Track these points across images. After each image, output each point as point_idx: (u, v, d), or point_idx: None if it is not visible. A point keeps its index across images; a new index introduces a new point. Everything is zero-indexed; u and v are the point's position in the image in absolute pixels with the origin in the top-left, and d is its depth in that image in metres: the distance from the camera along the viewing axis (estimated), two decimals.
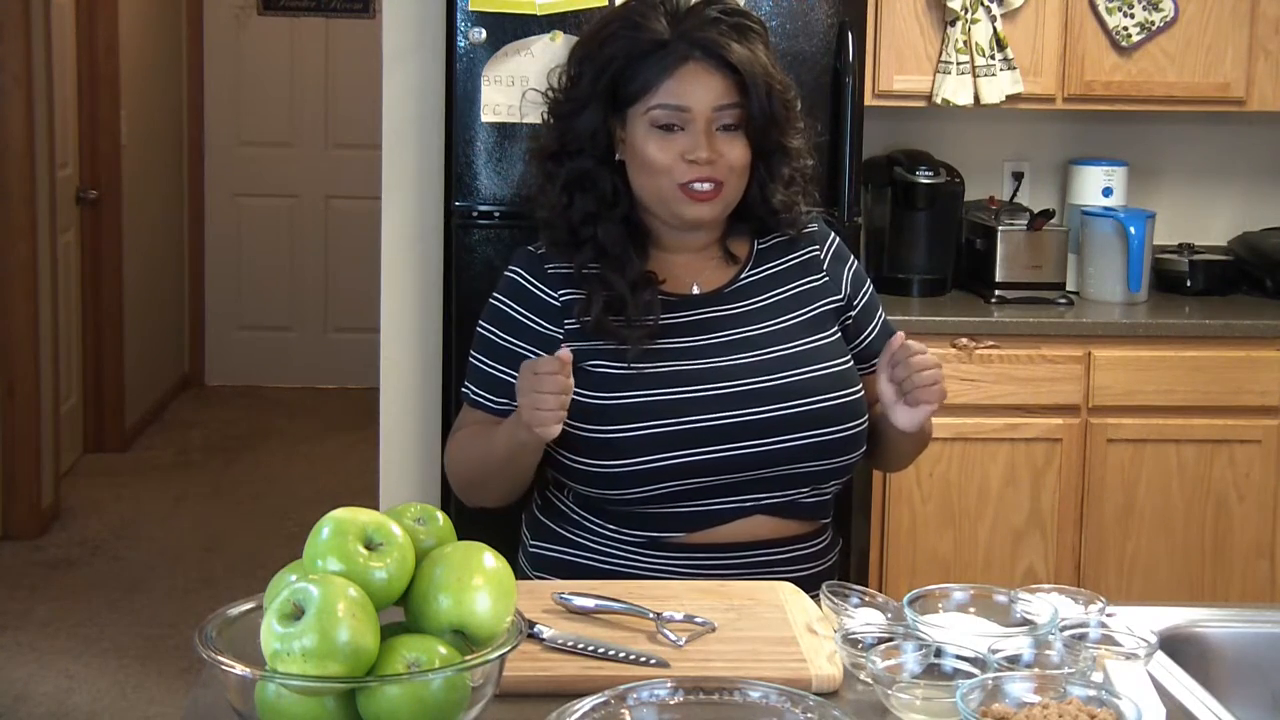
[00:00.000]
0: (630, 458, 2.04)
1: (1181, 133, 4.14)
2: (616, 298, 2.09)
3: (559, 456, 2.09)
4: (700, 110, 2.08)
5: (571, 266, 2.13)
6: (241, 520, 5.45)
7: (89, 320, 6.04)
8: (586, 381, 2.07)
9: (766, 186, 2.16)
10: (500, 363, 2.14)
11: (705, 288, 2.17)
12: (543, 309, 2.13)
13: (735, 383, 2.08)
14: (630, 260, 2.12)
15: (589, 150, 2.13)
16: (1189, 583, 3.64)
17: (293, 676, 1.34)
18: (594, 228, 2.12)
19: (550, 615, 1.76)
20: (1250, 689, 1.83)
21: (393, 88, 3.57)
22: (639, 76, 2.09)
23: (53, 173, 5.33)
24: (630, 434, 2.04)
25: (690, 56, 2.08)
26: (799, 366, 2.11)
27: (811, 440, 2.08)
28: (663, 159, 2.08)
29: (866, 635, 1.66)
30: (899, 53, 3.69)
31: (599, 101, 2.11)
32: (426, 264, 3.56)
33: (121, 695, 4.03)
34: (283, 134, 7.25)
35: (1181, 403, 3.61)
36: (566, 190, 2.14)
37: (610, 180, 2.13)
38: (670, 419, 2.05)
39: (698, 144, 2.07)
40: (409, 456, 3.62)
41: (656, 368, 2.08)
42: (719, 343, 2.12)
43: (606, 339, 2.09)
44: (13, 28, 4.97)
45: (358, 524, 1.43)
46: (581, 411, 2.05)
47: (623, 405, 2.06)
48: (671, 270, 2.15)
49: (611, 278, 2.10)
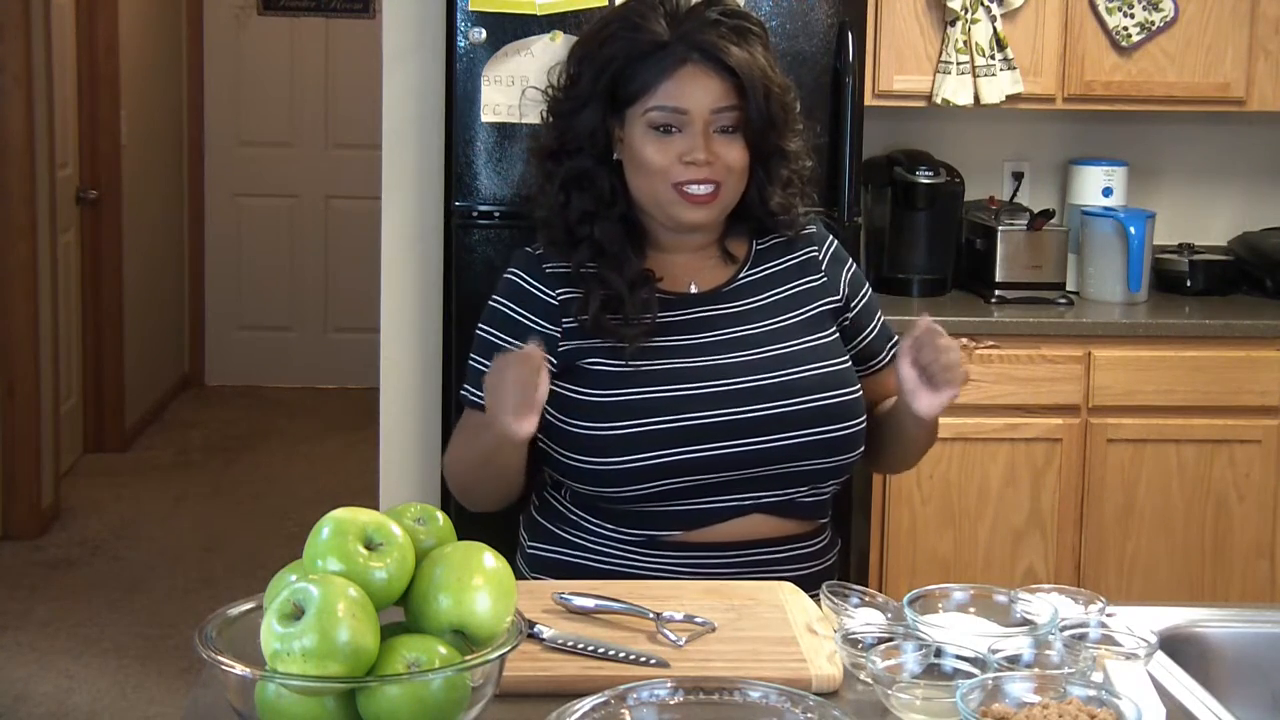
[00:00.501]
0: (627, 455, 2.04)
1: (1181, 133, 4.14)
2: (614, 296, 2.09)
3: (556, 454, 2.09)
4: (698, 112, 2.08)
5: (569, 266, 2.13)
6: (241, 520, 5.45)
7: (89, 320, 6.04)
8: (584, 379, 2.07)
9: (764, 189, 2.15)
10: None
11: (703, 287, 2.17)
12: (541, 308, 2.13)
13: (732, 380, 2.08)
14: (628, 259, 2.12)
15: (587, 149, 2.13)
16: (1189, 583, 3.64)
17: (293, 676, 1.34)
18: (591, 226, 2.12)
19: (550, 615, 1.76)
20: (1250, 689, 1.83)
21: (393, 88, 3.57)
22: (637, 77, 2.09)
23: (53, 173, 5.34)
24: (627, 431, 2.04)
25: (689, 59, 2.08)
26: (796, 365, 2.11)
27: (808, 439, 2.08)
28: (660, 160, 2.08)
29: (866, 635, 1.66)
30: (899, 53, 3.69)
31: (598, 101, 2.11)
32: (426, 264, 3.56)
33: (121, 695, 4.03)
34: (283, 134, 7.25)
35: (1181, 403, 3.61)
36: (564, 189, 2.14)
37: (608, 180, 2.13)
38: (667, 416, 2.05)
39: (695, 146, 2.07)
40: (409, 456, 3.62)
41: (654, 365, 2.08)
42: (716, 341, 2.12)
43: (604, 337, 2.09)
44: (13, 28, 4.97)
45: (358, 524, 1.43)
46: (579, 409, 2.06)
47: (620, 402, 2.06)
48: (669, 269, 2.16)
49: (609, 276, 2.10)
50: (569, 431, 2.06)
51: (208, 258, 7.30)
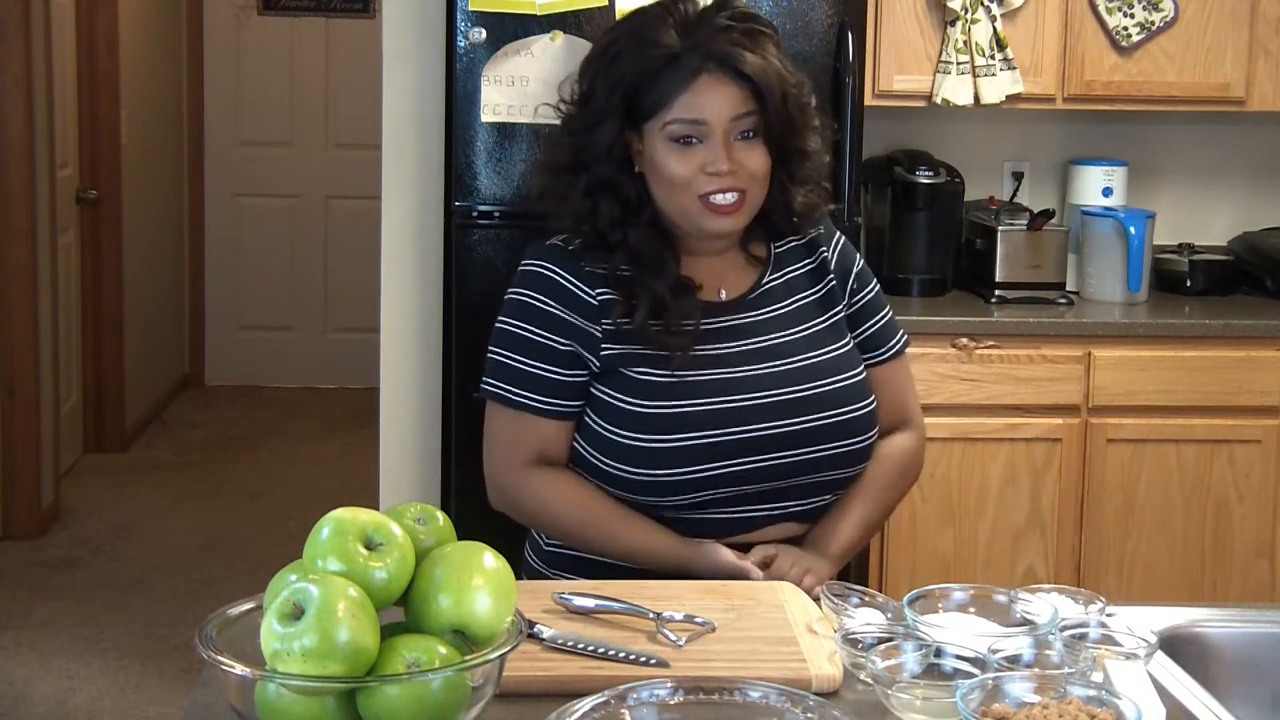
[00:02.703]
0: (673, 467, 2.04)
1: (1181, 133, 4.14)
2: (657, 302, 2.07)
3: (595, 461, 2.08)
4: (717, 122, 2.05)
5: (607, 267, 2.10)
6: (241, 520, 5.45)
7: (89, 320, 6.04)
8: (629, 388, 2.06)
9: (788, 190, 2.14)
10: (541, 360, 2.09)
11: (731, 293, 2.16)
12: (579, 305, 2.09)
13: (770, 393, 2.08)
14: (665, 264, 2.09)
15: (606, 162, 2.10)
16: (1189, 583, 3.64)
17: (293, 676, 1.34)
18: (623, 231, 2.09)
19: (550, 615, 1.76)
20: (1250, 689, 1.83)
21: (393, 88, 3.57)
22: (653, 92, 2.06)
23: (53, 173, 5.34)
24: (675, 444, 2.04)
25: (704, 69, 2.05)
26: (825, 377, 2.12)
27: (837, 450, 2.10)
28: (683, 173, 2.06)
29: (866, 635, 1.66)
30: (899, 53, 3.69)
31: (613, 117, 2.08)
32: (426, 264, 3.56)
33: (121, 695, 4.03)
34: (283, 134, 7.24)
35: (1181, 403, 3.61)
36: (589, 195, 2.10)
37: (633, 188, 2.10)
38: (712, 430, 2.05)
39: (717, 156, 2.05)
40: (409, 456, 3.62)
41: (698, 376, 2.07)
42: (751, 350, 2.11)
43: (646, 344, 2.07)
44: (13, 28, 4.97)
45: (358, 524, 1.43)
46: (625, 419, 2.05)
47: (668, 414, 2.05)
48: (697, 275, 2.14)
49: (650, 282, 2.08)
50: (614, 441, 2.06)
51: (208, 258, 7.29)
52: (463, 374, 3.22)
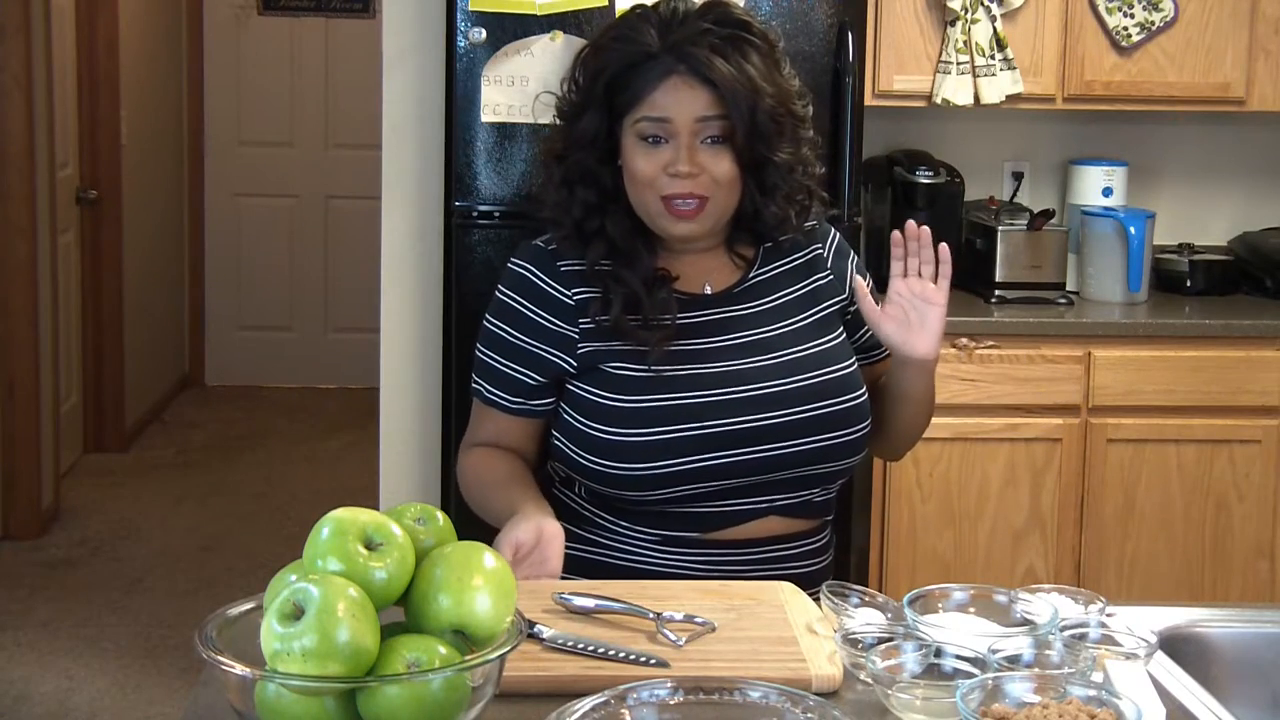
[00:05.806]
0: (651, 461, 2.04)
1: (1181, 133, 4.14)
2: (632, 296, 2.09)
3: (575, 456, 2.09)
4: (683, 122, 2.06)
5: (584, 264, 2.12)
6: (241, 520, 5.45)
7: (89, 320, 6.04)
8: (606, 383, 2.07)
9: (757, 200, 2.14)
10: (513, 360, 2.13)
11: (716, 287, 2.17)
12: (555, 307, 2.12)
13: (752, 387, 2.08)
14: (640, 255, 2.11)
15: (590, 152, 2.13)
16: (1189, 583, 3.64)
17: (293, 676, 1.34)
18: (600, 220, 2.12)
19: (550, 615, 1.76)
20: (1250, 689, 1.83)
21: (393, 88, 3.57)
22: (629, 87, 2.09)
23: (53, 173, 5.34)
24: (651, 438, 2.04)
25: (675, 70, 2.06)
26: (811, 370, 2.11)
27: (823, 443, 2.09)
28: (647, 170, 2.08)
29: (866, 635, 1.66)
30: (899, 53, 3.69)
31: (597, 108, 2.11)
32: (426, 264, 3.56)
33: (121, 695, 4.03)
34: (283, 134, 7.25)
35: (1181, 403, 3.61)
36: (566, 184, 2.13)
37: (610, 178, 2.13)
38: (690, 423, 2.05)
39: (680, 156, 2.06)
40: (409, 456, 3.62)
41: (676, 370, 2.08)
42: (734, 344, 2.12)
43: (625, 339, 2.08)
44: (13, 28, 4.97)
45: (358, 524, 1.43)
46: (601, 414, 2.06)
47: (644, 409, 2.06)
48: (682, 269, 2.15)
49: (625, 275, 2.09)
50: (591, 436, 2.06)
51: (208, 258, 7.30)
52: (462, 374, 3.19)
